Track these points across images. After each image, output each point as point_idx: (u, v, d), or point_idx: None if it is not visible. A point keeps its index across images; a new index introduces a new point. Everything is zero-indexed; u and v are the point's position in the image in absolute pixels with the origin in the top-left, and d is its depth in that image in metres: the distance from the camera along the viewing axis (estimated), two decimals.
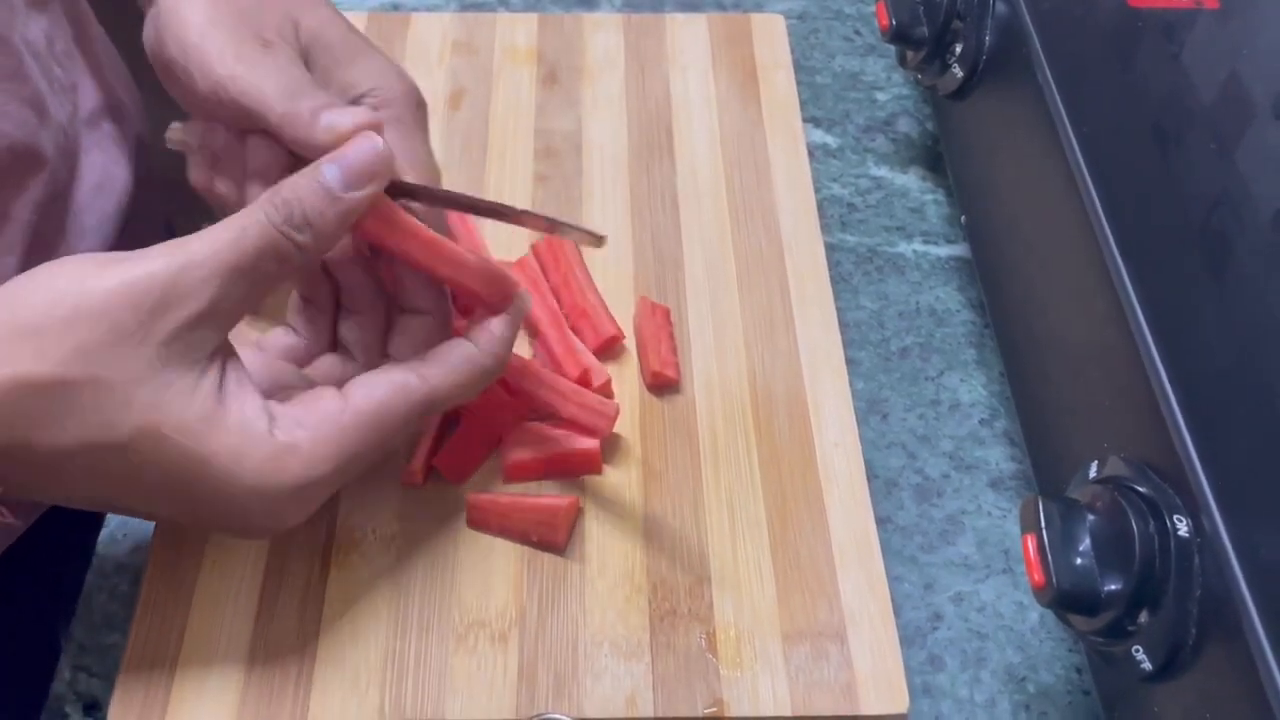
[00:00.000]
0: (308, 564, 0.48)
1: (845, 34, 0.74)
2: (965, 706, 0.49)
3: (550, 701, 0.45)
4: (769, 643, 0.47)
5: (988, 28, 0.55)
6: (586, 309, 0.55)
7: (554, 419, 0.51)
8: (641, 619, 0.47)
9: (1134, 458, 0.40)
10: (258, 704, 0.45)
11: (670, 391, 0.54)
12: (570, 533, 0.49)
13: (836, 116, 0.69)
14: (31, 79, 0.50)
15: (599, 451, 0.51)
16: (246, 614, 0.47)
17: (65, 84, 0.53)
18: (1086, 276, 0.44)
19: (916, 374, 0.58)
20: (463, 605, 0.48)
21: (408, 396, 0.42)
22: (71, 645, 0.49)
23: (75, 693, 0.48)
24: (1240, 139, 0.42)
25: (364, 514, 0.50)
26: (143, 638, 0.46)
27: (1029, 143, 0.50)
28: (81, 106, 0.55)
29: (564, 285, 0.56)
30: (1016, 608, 0.51)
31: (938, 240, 0.64)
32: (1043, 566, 0.39)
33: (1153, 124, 0.44)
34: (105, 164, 0.56)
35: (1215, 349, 0.38)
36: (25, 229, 0.50)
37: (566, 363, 0.53)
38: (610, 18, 0.70)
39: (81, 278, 0.37)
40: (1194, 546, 0.36)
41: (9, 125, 0.48)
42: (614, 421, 0.51)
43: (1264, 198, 0.40)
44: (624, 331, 0.55)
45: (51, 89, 0.52)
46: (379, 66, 0.48)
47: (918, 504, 0.54)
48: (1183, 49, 0.44)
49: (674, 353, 0.55)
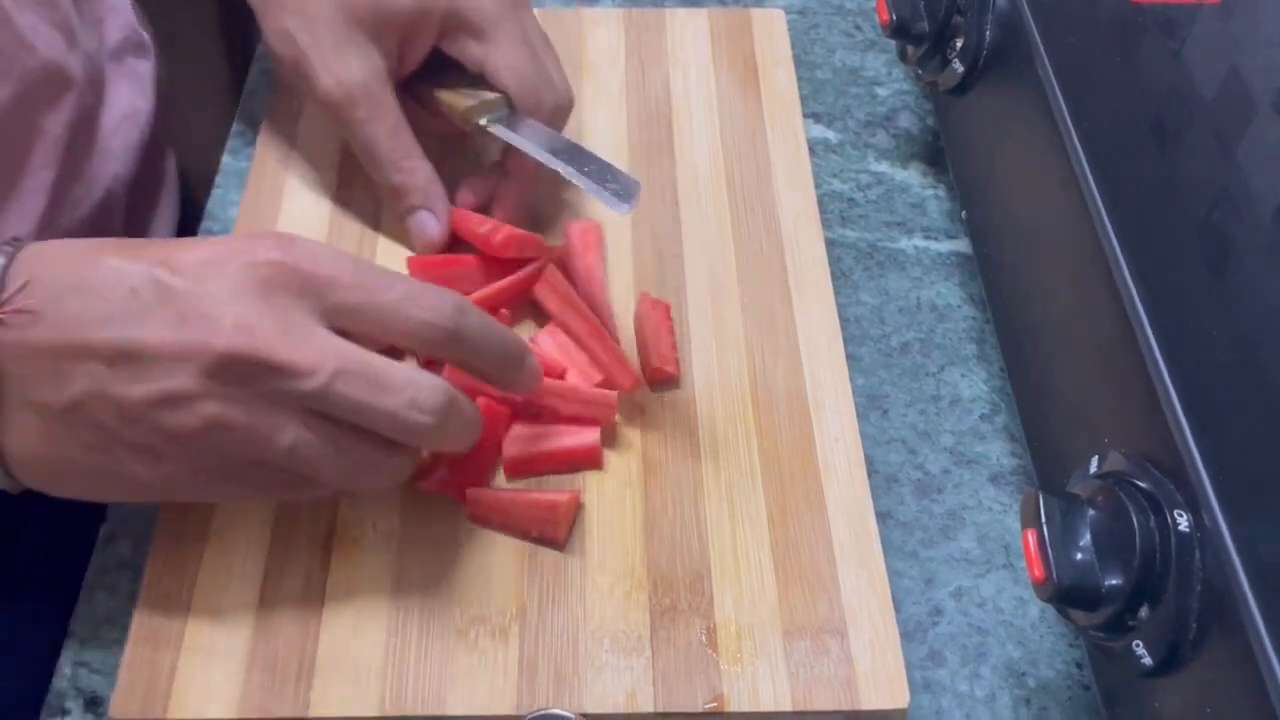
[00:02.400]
0: (308, 559, 0.48)
1: (846, 29, 0.73)
2: (965, 701, 0.49)
3: (551, 696, 0.45)
4: (769, 638, 0.47)
5: (988, 23, 0.55)
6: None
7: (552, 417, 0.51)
8: (642, 614, 0.47)
9: (1134, 453, 0.40)
10: (259, 698, 0.45)
11: (670, 387, 0.54)
12: (571, 529, 0.49)
13: (837, 112, 0.69)
14: (61, 6, 0.54)
15: (599, 447, 0.51)
16: (247, 608, 0.47)
17: (92, 18, 0.58)
18: (1087, 272, 0.44)
19: (917, 369, 0.58)
20: (463, 601, 0.48)
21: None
22: (73, 641, 0.49)
23: (76, 688, 0.48)
24: (1241, 135, 0.42)
25: (365, 509, 0.50)
26: (144, 633, 0.46)
27: (1029, 138, 0.50)
28: (107, 40, 0.60)
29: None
30: (1017, 603, 0.51)
31: (938, 236, 0.64)
32: (1043, 562, 0.39)
33: (1153, 120, 0.44)
34: (130, 96, 0.61)
35: (1216, 344, 0.38)
36: (58, 145, 0.54)
37: (620, 374, 0.53)
38: (610, 13, 0.70)
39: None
40: (1194, 541, 0.36)
41: (42, 44, 0.52)
42: (614, 409, 0.51)
43: (1265, 193, 0.40)
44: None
45: (80, 19, 0.56)
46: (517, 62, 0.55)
47: (918, 499, 0.54)
48: (1183, 44, 0.44)
49: (674, 349, 0.55)
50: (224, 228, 0.62)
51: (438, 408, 0.43)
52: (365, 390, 0.41)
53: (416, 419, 0.42)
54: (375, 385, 0.42)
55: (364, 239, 0.59)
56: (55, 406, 0.41)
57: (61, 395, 0.41)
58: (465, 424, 0.45)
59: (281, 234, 0.43)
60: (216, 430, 0.41)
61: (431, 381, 0.43)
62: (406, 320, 0.43)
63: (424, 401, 0.42)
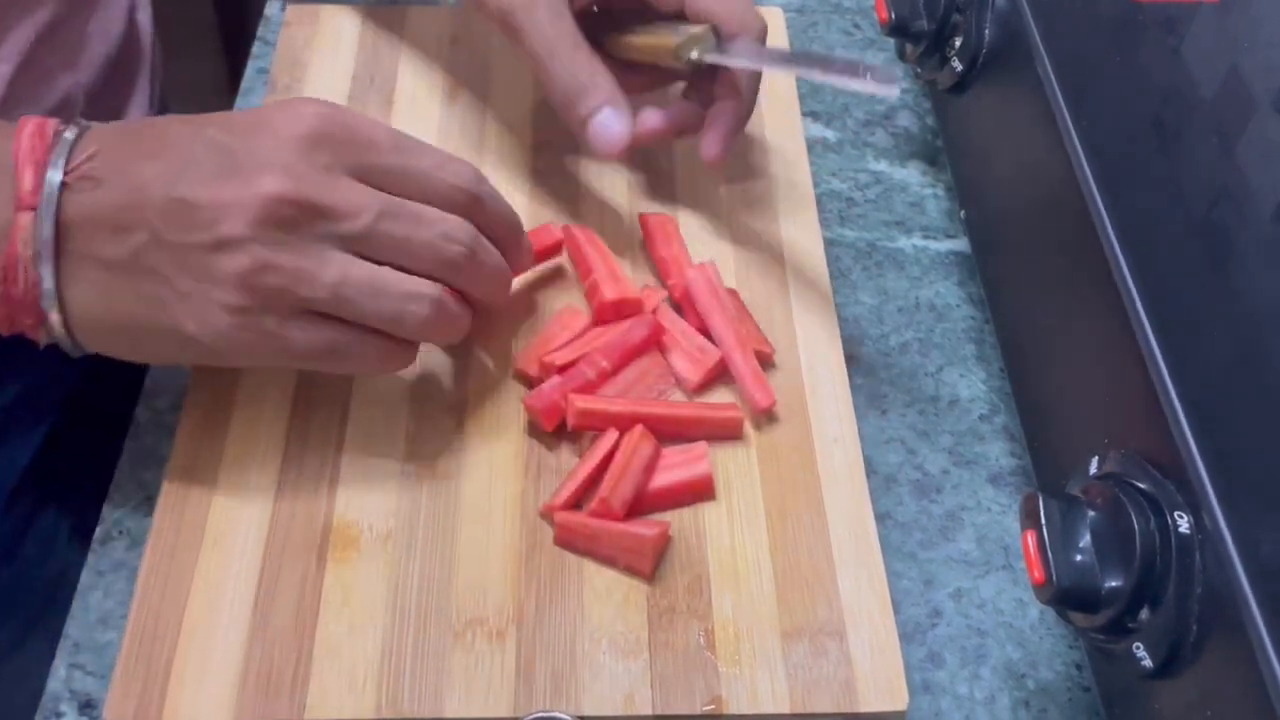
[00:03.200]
0: (305, 560, 0.48)
1: (844, 28, 0.73)
2: (965, 703, 0.48)
3: (548, 699, 0.45)
4: (768, 640, 0.47)
5: (987, 21, 0.54)
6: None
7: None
8: (640, 616, 0.47)
9: (1134, 453, 0.40)
10: (255, 701, 0.45)
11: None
12: (659, 561, 0.49)
13: (835, 111, 0.69)
14: None
15: (711, 476, 0.50)
16: (243, 610, 0.47)
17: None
18: (1087, 271, 0.44)
19: (916, 369, 0.58)
20: (460, 602, 0.47)
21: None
22: (67, 643, 0.48)
23: (70, 690, 0.47)
24: (1241, 133, 0.41)
25: (361, 510, 0.50)
26: (138, 635, 0.46)
27: (1029, 137, 0.50)
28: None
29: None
30: (1016, 604, 0.51)
31: (937, 235, 0.63)
32: (1043, 563, 0.39)
33: (1153, 118, 0.44)
34: (109, 17, 0.64)
35: (1216, 344, 0.38)
36: (23, 43, 0.57)
37: (758, 393, 0.52)
38: None
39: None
40: (1195, 543, 0.36)
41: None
42: (741, 422, 0.52)
43: (1265, 192, 0.40)
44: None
45: None
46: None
47: (917, 500, 0.54)
48: (1183, 42, 0.44)
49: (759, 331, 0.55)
50: None
51: (468, 239, 0.47)
52: (406, 226, 0.46)
53: (451, 249, 0.47)
54: (414, 221, 0.46)
55: None
56: (117, 260, 0.45)
57: (123, 248, 0.44)
58: (493, 265, 0.49)
59: (326, 101, 0.47)
60: (265, 271, 0.44)
61: (460, 220, 0.47)
62: (438, 183, 0.47)
63: (456, 233, 0.47)
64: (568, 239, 0.58)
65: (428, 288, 0.47)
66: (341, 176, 0.45)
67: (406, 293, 0.46)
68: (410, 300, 0.46)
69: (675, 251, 0.57)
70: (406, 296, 0.46)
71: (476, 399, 0.53)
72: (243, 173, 0.44)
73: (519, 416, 0.53)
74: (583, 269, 0.57)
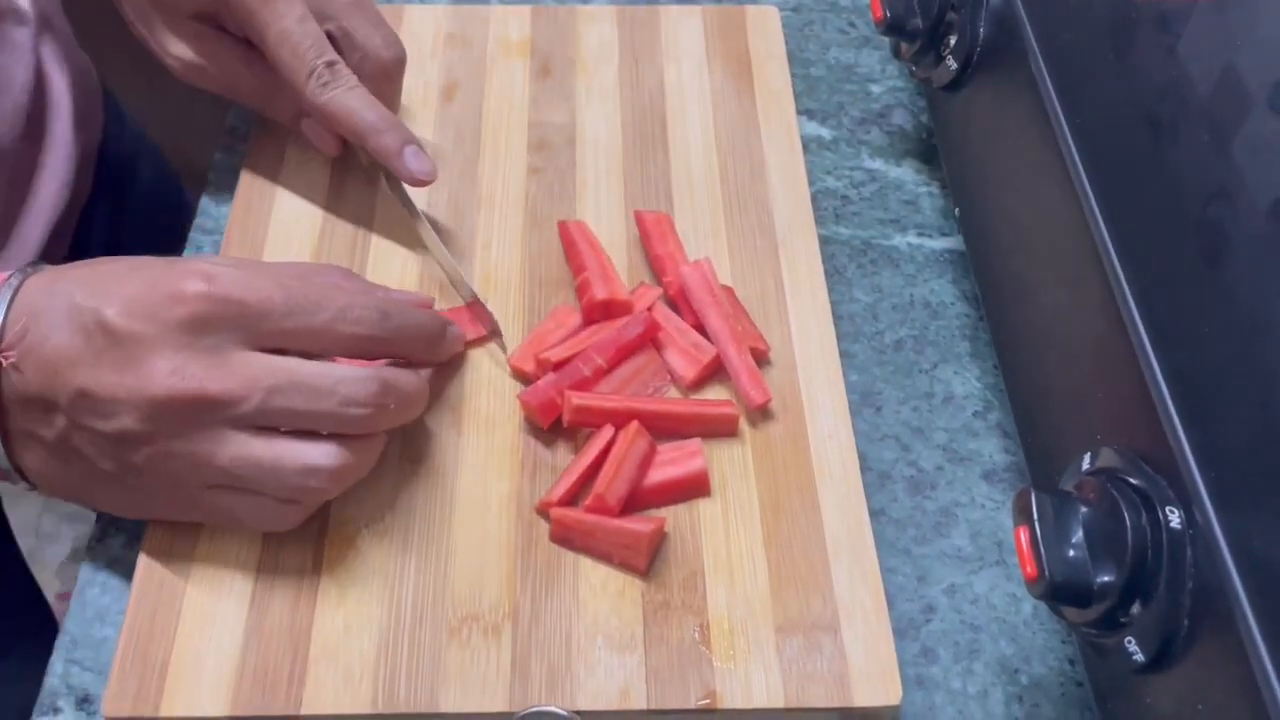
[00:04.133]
0: (301, 557, 0.48)
1: (840, 26, 0.73)
2: (958, 698, 0.49)
3: (544, 694, 0.45)
4: (762, 635, 0.47)
5: (982, 19, 0.54)
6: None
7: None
8: (635, 611, 0.47)
9: (1127, 449, 0.40)
10: (251, 696, 0.45)
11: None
12: (653, 557, 0.49)
13: (831, 109, 0.69)
14: None
15: (705, 471, 0.51)
16: (240, 606, 0.47)
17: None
18: (1081, 268, 0.44)
19: (910, 366, 0.58)
20: (456, 598, 0.48)
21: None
22: (64, 639, 0.49)
23: (68, 686, 0.47)
24: (1236, 131, 0.42)
25: (357, 507, 0.50)
26: (136, 630, 0.46)
27: (1023, 135, 0.50)
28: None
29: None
30: (1009, 600, 0.51)
31: (932, 233, 0.64)
32: (1035, 559, 0.39)
33: (1148, 115, 0.44)
34: (5, 65, 0.61)
35: (1209, 341, 0.38)
36: None
37: (753, 389, 0.53)
38: (604, 10, 0.70)
39: None
40: (1186, 538, 0.36)
41: None
42: (736, 419, 0.52)
43: (1259, 189, 0.40)
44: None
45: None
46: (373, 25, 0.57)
47: (911, 496, 0.54)
48: (1178, 40, 0.44)
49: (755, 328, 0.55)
50: (216, 224, 0.62)
51: (371, 399, 0.46)
52: (300, 400, 0.45)
53: (353, 414, 0.46)
54: (309, 394, 0.45)
55: (357, 238, 0.59)
56: (51, 440, 0.46)
57: (51, 430, 0.45)
58: (406, 400, 0.48)
59: (207, 267, 0.45)
60: (166, 458, 0.45)
61: (360, 375, 0.46)
62: (338, 337, 0.46)
63: (357, 396, 0.46)
64: (563, 235, 0.58)
65: (325, 459, 0.46)
66: (233, 353, 0.45)
67: (303, 466, 0.45)
68: (308, 475, 0.46)
69: (670, 249, 0.57)
70: (303, 471, 0.46)
71: (472, 396, 0.53)
72: (132, 365, 0.44)
73: (515, 413, 0.53)
74: (575, 265, 0.57)
